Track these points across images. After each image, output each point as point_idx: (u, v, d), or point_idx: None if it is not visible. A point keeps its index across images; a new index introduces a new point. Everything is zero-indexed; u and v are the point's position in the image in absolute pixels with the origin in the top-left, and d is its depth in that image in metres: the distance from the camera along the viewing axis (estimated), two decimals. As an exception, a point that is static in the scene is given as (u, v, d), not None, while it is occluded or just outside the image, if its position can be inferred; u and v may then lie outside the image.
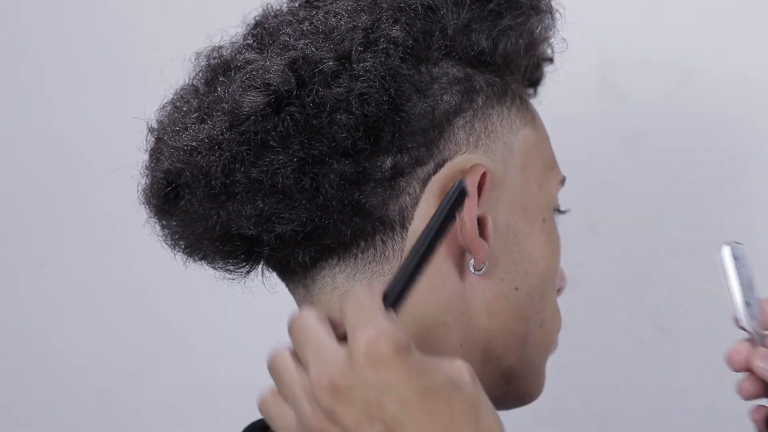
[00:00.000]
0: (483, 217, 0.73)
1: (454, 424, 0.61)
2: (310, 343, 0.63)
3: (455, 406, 0.62)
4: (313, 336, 0.64)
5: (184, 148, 0.72)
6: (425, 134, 0.71)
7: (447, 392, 0.62)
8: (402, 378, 0.61)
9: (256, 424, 0.85)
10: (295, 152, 0.70)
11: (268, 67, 0.70)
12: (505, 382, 0.77)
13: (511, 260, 0.75)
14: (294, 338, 0.65)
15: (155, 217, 0.77)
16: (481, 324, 0.74)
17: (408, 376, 0.61)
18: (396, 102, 0.70)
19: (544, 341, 0.79)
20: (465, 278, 0.74)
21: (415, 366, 0.61)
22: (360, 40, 0.70)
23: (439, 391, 0.62)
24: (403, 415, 0.61)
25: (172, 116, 0.75)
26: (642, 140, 1.13)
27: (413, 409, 0.61)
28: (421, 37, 0.71)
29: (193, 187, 0.72)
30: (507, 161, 0.75)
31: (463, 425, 0.62)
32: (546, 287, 0.77)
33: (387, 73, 0.69)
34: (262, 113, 0.69)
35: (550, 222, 0.78)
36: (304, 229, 0.71)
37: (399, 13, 0.71)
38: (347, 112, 0.69)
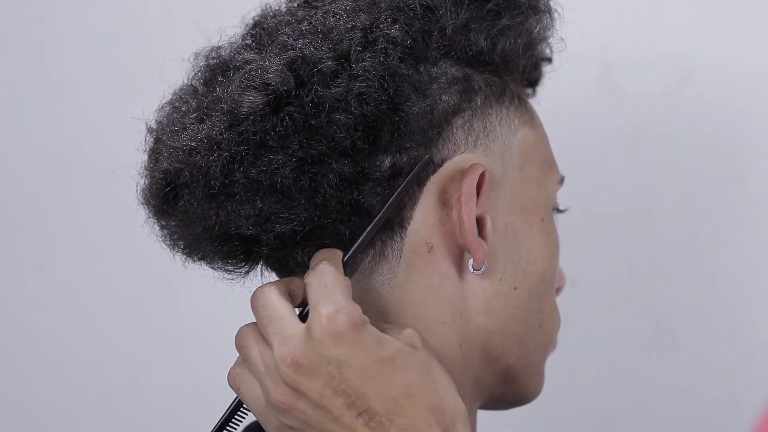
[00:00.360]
0: (482, 217, 0.74)
1: (412, 387, 0.66)
2: (271, 319, 0.68)
3: (411, 370, 0.66)
4: (275, 312, 0.68)
5: (183, 148, 0.72)
6: (424, 134, 0.71)
7: (402, 358, 0.66)
8: (359, 351, 0.65)
9: (256, 424, 0.85)
10: (294, 152, 0.69)
11: (266, 67, 0.70)
12: (505, 381, 0.77)
13: (509, 260, 0.75)
14: (256, 314, 0.70)
15: (154, 217, 0.77)
16: (479, 323, 0.74)
17: (364, 349, 0.65)
18: (395, 102, 0.70)
19: (543, 341, 0.79)
20: (464, 278, 0.74)
21: (370, 338, 0.66)
22: (359, 40, 0.70)
23: (394, 359, 0.66)
24: (364, 384, 0.65)
25: (171, 116, 0.75)
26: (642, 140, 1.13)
27: (373, 378, 0.65)
28: (419, 36, 0.71)
29: (192, 187, 0.72)
30: (506, 161, 0.75)
31: (421, 386, 0.66)
32: (545, 287, 0.77)
33: (386, 72, 0.69)
34: (261, 113, 0.69)
35: (548, 221, 0.78)
36: (303, 229, 0.71)
37: (398, 12, 0.71)
38: (346, 112, 0.69)
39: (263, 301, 0.69)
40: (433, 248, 0.73)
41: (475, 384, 0.76)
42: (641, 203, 1.15)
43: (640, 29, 1.11)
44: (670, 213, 1.14)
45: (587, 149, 1.13)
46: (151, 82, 0.75)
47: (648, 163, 1.14)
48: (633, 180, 1.14)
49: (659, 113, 1.12)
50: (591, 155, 1.13)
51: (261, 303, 0.69)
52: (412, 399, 0.65)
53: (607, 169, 1.14)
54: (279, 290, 0.70)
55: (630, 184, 1.15)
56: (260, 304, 0.69)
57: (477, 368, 0.75)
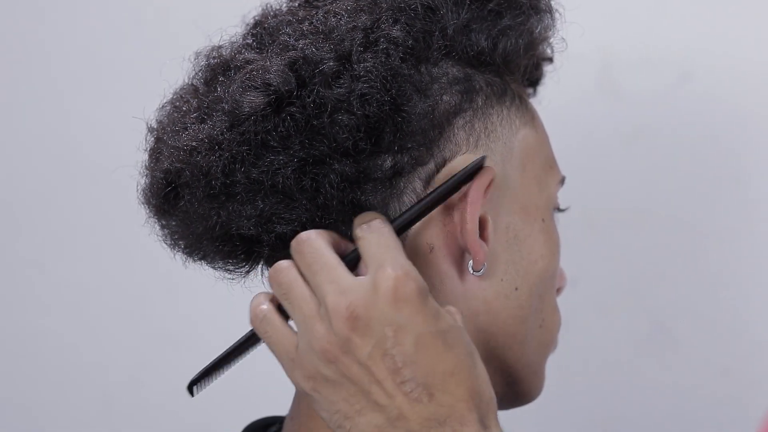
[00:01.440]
0: (483, 218, 0.73)
1: (459, 366, 0.66)
2: (323, 268, 0.66)
3: (459, 349, 0.67)
4: (327, 260, 0.67)
5: (184, 148, 0.72)
6: (425, 134, 0.71)
7: (454, 336, 0.67)
8: (419, 318, 0.65)
9: (256, 424, 0.85)
10: (296, 152, 0.69)
11: (268, 67, 0.70)
12: (505, 381, 0.77)
13: (510, 260, 0.75)
14: (302, 260, 0.67)
15: (155, 216, 0.77)
16: (480, 324, 0.74)
17: (425, 318, 0.65)
18: (397, 102, 0.70)
19: (544, 341, 0.79)
20: (464, 278, 0.74)
21: (430, 309, 0.66)
22: (360, 40, 0.70)
23: (447, 334, 0.66)
24: (416, 353, 0.65)
25: (172, 116, 0.75)
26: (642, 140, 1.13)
27: (426, 349, 0.65)
28: (421, 37, 0.71)
29: (193, 187, 0.72)
30: (507, 161, 0.75)
31: (467, 367, 0.66)
32: (546, 287, 0.77)
33: (388, 73, 0.69)
34: (262, 113, 0.69)
35: (549, 222, 0.78)
36: (304, 229, 0.71)
37: (399, 13, 0.71)
38: (348, 113, 0.69)
39: (312, 247, 0.67)
40: (433, 249, 0.73)
41: (476, 384, 0.76)
42: (641, 203, 1.15)
43: (640, 29, 1.11)
44: (669, 213, 1.14)
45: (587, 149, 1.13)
46: (151, 81, 0.75)
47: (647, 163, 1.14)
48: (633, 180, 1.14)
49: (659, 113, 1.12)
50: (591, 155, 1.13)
51: (309, 248, 0.67)
52: (458, 378, 0.65)
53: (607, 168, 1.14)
54: (327, 239, 0.68)
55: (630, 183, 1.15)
56: (308, 249, 0.67)
57: (478, 368, 0.75)
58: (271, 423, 0.85)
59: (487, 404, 0.67)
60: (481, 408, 0.66)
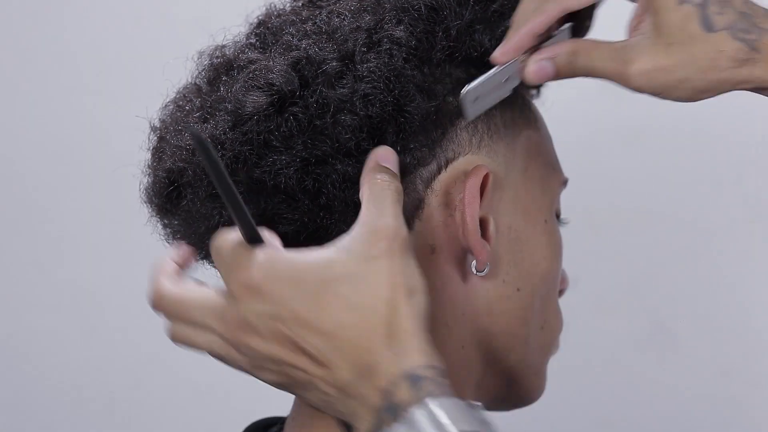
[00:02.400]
0: (485, 219, 0.73)
1: (345, 312, 0.63)
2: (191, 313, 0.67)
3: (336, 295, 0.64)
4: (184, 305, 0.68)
5: (187, 147, 0.72)
6: (428, 135, 0.71)
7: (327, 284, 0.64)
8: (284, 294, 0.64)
9: (257, 424, 0.85)
10: (298, 152, 0.69)
11: (271, 67, 0.70)
12: (507, 382, 0.77)
13: (512, 261, 0.75)
14: (171, 317, 0.69)
15: (157, 216, 0.77)
16: (482, 325, 0.74)
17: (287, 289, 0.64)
18: (400, 103, 0.69)
19: (546, 342, 0.79)
20: (467, 279, 0.74)
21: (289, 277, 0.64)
22: (363, 41, 0.70)
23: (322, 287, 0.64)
24: (301, 326, 0.63)
25: (175, 115, 0.75)
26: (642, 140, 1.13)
27: (309, 313, 0.63)
28: (424, 37, 0.71)
29: (195, 186, 0.72)
30: (509, 162, 0.75)
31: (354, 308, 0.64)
32: (548, 288, 0.77)
33: (391, 73, 0.69)
34: (265, 113, 0.69)
35: (552, 223, 0.78)
36: (306, 229, 0.71)
37: (402, 13, 0.71)
38: (351, 113, 0.69)
39: (170, 300, 0.69)
40: (435, 249, 0.73)
41: (477, 385, 0.76)
42: (641, 203, 1.15)
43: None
44: (670, 213, 1.14)
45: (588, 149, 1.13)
46: (154, 80, 0.75)
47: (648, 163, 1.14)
48: (633, 180, 1.15)
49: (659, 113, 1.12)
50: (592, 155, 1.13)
51: (167, 306, 0.69)
52: (351, 321, 0.63)
53: (607, 169, 1.14)
54: (169, 279, 0.70)
55: (630, 184, 1.15)
56: (166, 307, 0.69)
57: (479, 369, 0.75)
58: (272, 423, 0.84)
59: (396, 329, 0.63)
60: (391, 336, 0.63)
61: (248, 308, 0.64)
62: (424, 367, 0.62)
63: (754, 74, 0.67)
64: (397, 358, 0.62)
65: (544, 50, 0.71)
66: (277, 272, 0.64)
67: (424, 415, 0.60)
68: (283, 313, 0.64)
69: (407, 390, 0.61)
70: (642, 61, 0.68)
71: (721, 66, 0.67)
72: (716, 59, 0.67)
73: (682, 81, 0.68)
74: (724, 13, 0.67)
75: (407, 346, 0.63)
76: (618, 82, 0.69)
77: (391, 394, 0.62)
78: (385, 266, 0.64)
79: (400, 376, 0.62)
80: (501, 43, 0.71)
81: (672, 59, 0.67)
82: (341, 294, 0.64)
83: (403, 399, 0.61)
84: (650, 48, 0.68)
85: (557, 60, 0.71)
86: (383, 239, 0.65)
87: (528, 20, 0.70)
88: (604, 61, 0.69)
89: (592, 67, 0.70)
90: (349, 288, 0.64)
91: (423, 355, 0.63)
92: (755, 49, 0.66)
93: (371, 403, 0.62)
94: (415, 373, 0.62)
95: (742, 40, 0.66)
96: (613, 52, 0.69)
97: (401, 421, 0.61)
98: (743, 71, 0.67)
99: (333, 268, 0.64)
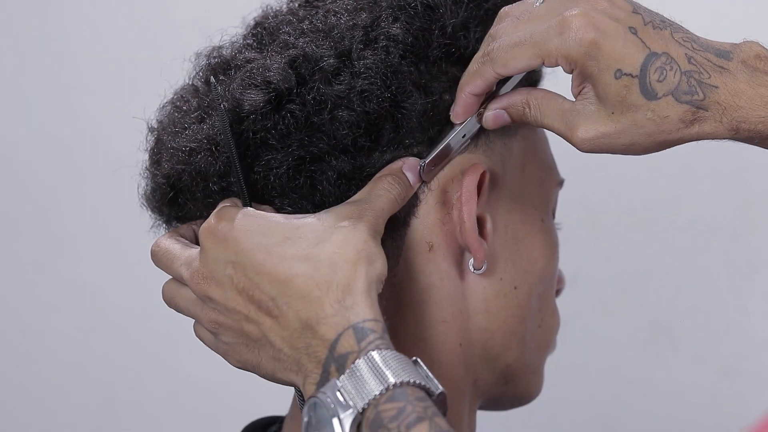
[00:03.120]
0: (482, 217, 0.74)
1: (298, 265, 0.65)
2: (170, 259, 0.71)
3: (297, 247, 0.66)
4: (170, 254, 0.71)
5: (183, 149, 0.72)
6: (424, 131, 0.72)
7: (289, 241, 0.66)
8: (244, 244, 0.67)
9: (256, 424, 0.85)
10: (294, 150, 0.70)
11: (268, 65, 0.70)
12: (504, 381, 0.77)
13: (510, 259, 0.75)
14: (160, 264, 0.72)
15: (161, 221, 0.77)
16: (479, 323, 0.74)
17: (248, 238, 0.67)
18: (397, 99, 0.70)
19: (543, 341, 0.79)
20: (464, 277, 0.74)
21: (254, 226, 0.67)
22: (360, 38, 0.70)
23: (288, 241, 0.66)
24: (258, 274, 0.66)
25: (172, 116, 0.75)
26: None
27: (265, 264, 0.66)
28: (420, 35, 0.71)
29: (192, 189, 0.73)
30: (506, 161, 0.75)
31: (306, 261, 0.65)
32: (545, 287, 0.77)
33: (388, 70, 0.70)
34: (262, 111, 0.69)
35: (548, 222, 0.78)
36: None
37: (399, 11, 0.71)
38: (348, 109, 0.69)
39: (159, 248, 0.72)
40: (433, 247, 0.73)
41: (474, 383, 0.76)
42: (641, 203, 1.15)
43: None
44: (670, 213, 1.14)
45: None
46: (152, 81, 0.76)
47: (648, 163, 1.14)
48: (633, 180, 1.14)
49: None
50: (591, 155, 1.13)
51: (157, 252, 0.72)
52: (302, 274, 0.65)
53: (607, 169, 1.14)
54: (168, 236, 0.73)
55: (630, 184, 1.15)
56: (157, 254, 0.72)
57: (476, 367, 0.75)
58: (271, 423, 0.85)
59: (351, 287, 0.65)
60: (344, 291, 0.64)
61: (211, 254, 0.67)
62: (369, 321, 0.63)
63: (704, 131, 0.65)
64: (345, 311, 0.63)
65: (499, 99, 0.71)
66: (247, 225, 0.67)
67: (367, 366, 0.61)
68: (243, 260, 0.66)
69: (352, 342, 0.62)
70: (585, 128, 0.67)
71: (668, 129, 0.66)
72: (662, 124, 0.65)
73: (630, 145, 0.67)
74: (666, 78, 0.65)
75: (357, 301, 0.64)
76: (568, 142, 0.69)
77: (337, 345, 0.63)
78: (349, 234, 0.66)
79: (346, 327, 0.63)
80: (453, 105, 0.72)
81: (616, 127, 0.66)
82: (302, 247, 0.66)
83: (348, 350, 0.62)
84: (593, 115, 0.67)
85: (510, 111, 0.71)
86: (355, 215, 0.67)
87: (469, 82, 0.70)
88: (553, 120, 0.69)
89: (542, 124, 0.70)
90: (311, 243, 0.66)
91: (370, 311, 0.64)
92: (702, 107, 0.65)
93: (317, 355, 0.63)
94: (361, 326, 0.63)
95: (688, 102, 0.65)
96: (561, 113, 0.68)
97: (346, 373, 0.62)
98: (692, 130, 0.65)
99: (301, 228, 0.67)
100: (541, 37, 0.66)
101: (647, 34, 0.65)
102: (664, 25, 0.66)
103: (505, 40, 0.67)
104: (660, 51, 0.65)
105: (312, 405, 0.62)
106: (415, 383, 0.61)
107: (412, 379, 0.61)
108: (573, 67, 0.66)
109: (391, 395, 0.60)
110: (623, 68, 0.65)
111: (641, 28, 0.66)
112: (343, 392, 0.61)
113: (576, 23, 0.65)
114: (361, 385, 0.61)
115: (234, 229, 0.67)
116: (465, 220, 0.72)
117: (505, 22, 0.69)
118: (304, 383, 0.64)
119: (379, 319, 0.64)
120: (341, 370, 0.62)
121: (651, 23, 0.66)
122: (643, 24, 0.66)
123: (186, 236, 0.73)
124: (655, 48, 0.65)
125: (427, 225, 0.73)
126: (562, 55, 0.65)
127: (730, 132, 0.65)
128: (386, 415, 0.59)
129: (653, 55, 0.65)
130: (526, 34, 0.66)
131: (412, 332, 0.73)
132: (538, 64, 0.67)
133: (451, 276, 0.73)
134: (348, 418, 0.61)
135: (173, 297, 0.72)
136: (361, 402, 0.61)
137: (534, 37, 0.66)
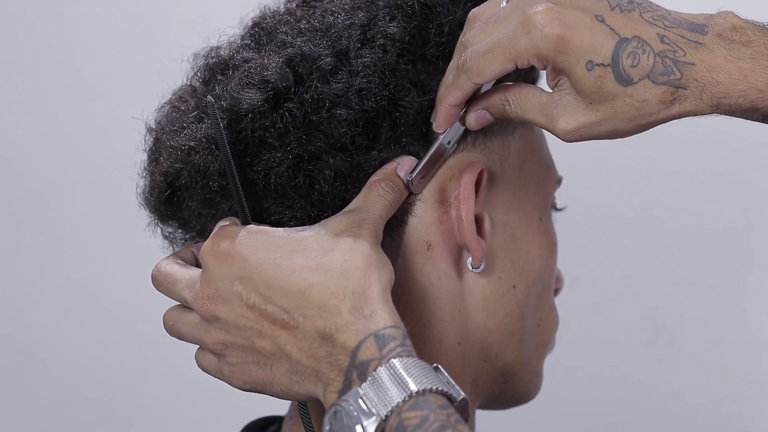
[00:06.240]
0: (480, 216, 0.74)
1: (312, 275, 0.65)
2: (172, 283, 0.70)
3: (307, 257, 0.66)
4: (171, 278, 0.71)
5: (182, 148, 0.72)
6: (422, 130, 0.72)
7: (296, 250, 0.66)
8: (251, 259, 0.66)
9: (255, 424, 0.85)
10: (292, 149, 0.70)
11: (266, 64, 0.70)
12: (503, 379, 0.77)
13: (508, 258, 0.75)
14: (161, 288, 0.72)
15: (158, 222, 0.77)
16: (478, 321, 0.74)
17: (256, 253, 0.67)
18: (395, 97, 0.70)
19: (541, 339, 0.79)
20: (463, 276, 0.74)
21: (257, 241, 0.67)
22: (357, 37, 0.70)
23: (295, 251, 0.66)
24: (268, 288, 0.65)
25: (171, 116, 0.75)
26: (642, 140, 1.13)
27: (275, 277, 0.65)
28: (417, 33, 0.71)
29: (191, 188, 0.73)
30: (504, 160, 0.75)
31: (321, 272, 0.65)
32: (543, 285, 0.77)
33: (385, 68, 0.70)
34: (260, 110, 0.70)
35: (546, 221, 0.78)
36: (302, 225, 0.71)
37: (396, 10, 0.71)
38: (347, 107, 0.69)
39: (160, 272, 0.71)
40: (431, 246, 0.73)
41: (473, 382, 0.76)
42: (641, 203, 1.15)
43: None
44: (670, 213, 1.14)
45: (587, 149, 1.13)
46: (150, 82, 0.76)
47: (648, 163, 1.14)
48: (633, 180, 1.15)
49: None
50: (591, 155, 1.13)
51: (158, 276, 0.71)
52: (316, 284, 0.65)
53: (607, 168, 1.14)
54: (168, 260, 0.72)
55: (630, 184, 1.15)
56: (157, 277, 0.71)
57: (476, 366, 0.75)
58: (270, 422, 0.85)
59: (366, 294, 0.64)
60: (360, 299, 0.64)
61: (216, 273, 0.67)
62: (390, 328, 0.63)
63: (685, 109, 0.65)
64: (365, 319, 0.63)
65: (479, 100, 0.71)
66: (252, 241, 0.67)
67: (388, 374, 0.61)
68: (253, 275, 0.65)
69: (374, 349, 0.62)
70: (566, 119, 0.66)
71: (648, 112, 0.65)
72: (641, 108, 0.65)
73: (612, 131, 0.67)
74: (640, 62, 0.64)
75: (375, 308, 0.64)
76: (551, 133, 0.69)
77: (358, 352, 0.62)
78: (354, 242, 0.66)
79: (367, 335, 0.63)
80: (433, 115, 0.71)
81: (596, 116, 0.66)
82: (311, 258, 0.65)
83: (369, 357, 0.62)
84: (572, 106, 0.66)
85: (492, 109, 0.70)
86: (355, 224, 0.67)
87: (448, 94, 0.70)
88: (534, 114, 0.68)
89: (524, 118, 0.69)
90: (319, 254, 0.66)
91: (390, 318, 0.63)
92: (680, 86, 0.64)
93: (339, 363, 0.63)
94: (382, 333, 0.63)
95: (665, 83, 0.64)
96: (540, 106, 0.68)
97: (368, 380, 0.61)
98: (673, 110, 0.65)
99: (305, 240, 0.67)
100: (508, 40, 0.65)
101: (615, 20, 0.64)
102: (632, 7, 0.65)
103: (476, 48, 0.67)
104: (630, 35, 0.64)
105: (333, 413, 0.62)
106: (438, 390, 0.61)
107: (434, 386, 0.61)
108: (545, 63, 0.65)
109: (414, 403, 0.60)
110: (594, 59, 0.64)
111: (608, 14, 0.64)
112: (365, 400, 0.61)
113: (540, 20, 0.64)
114: (384, 392, 0.61)
115: (238, 245, 0.66)
116: (463, 219, 0.72)
117: (475, 29, 0.68)
118: (324, 392, 0.64)
119: (399, 325, 0.63)
120: (363, 377, 0.62)
121: (618, 7, 0.65)
122: (609, 9, 0.65)
123: (186, 259, 0.73)
124: (624, 33, 0.64)
125: (425, 224, 0.73)
126: (532, 55, 0.65)
127: (711, 108, 0.65)
128: (409, 423, 0.60)
129: (623, 41, 0.64)
130: (494, 39, 0.66)
131: (410, 331, 0.73)
132: (512, 68, 0.66)
133: (450, 275, 0.73)
134: (372, 425, 0.61)
135: (175, 324, 0.71)
136: (384, 409, 0.61)
137: (502, 41, 0.65)
